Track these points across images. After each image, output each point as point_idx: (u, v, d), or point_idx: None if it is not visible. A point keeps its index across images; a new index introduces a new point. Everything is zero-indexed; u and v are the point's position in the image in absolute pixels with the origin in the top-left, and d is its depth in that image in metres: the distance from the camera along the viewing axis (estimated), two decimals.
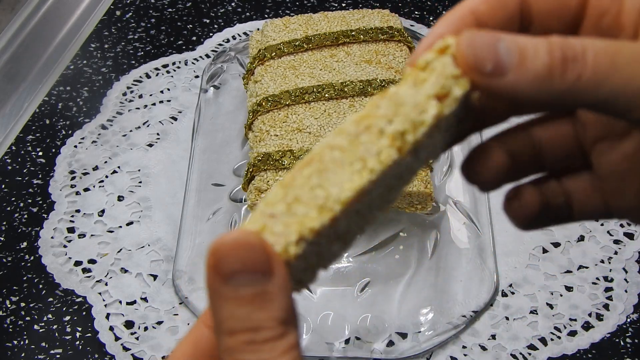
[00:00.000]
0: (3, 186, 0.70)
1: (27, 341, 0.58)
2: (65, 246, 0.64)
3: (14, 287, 0.61)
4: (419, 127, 0.23)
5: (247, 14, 0.88)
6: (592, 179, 0.27)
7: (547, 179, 0.28)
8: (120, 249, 0.63)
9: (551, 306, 0.59)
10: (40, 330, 0.58)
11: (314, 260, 0.24)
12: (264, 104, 0.64)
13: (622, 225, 0.64)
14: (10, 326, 0.59)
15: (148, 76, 0.80)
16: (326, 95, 0.64)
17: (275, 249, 0.21)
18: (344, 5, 0.89)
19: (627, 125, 0.25)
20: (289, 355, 0.20)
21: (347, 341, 0.56)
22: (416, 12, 0.88)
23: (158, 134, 0.73)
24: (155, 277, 0.62)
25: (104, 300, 0.60)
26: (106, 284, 0.61)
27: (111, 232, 0.65)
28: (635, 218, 0.27)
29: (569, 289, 0.60)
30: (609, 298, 0.59)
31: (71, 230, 0.65)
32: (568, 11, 0.25)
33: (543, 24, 0.25)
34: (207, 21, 0.87)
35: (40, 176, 0.70)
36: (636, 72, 0.21)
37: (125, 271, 0.62)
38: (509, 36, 0.22)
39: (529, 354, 0.56)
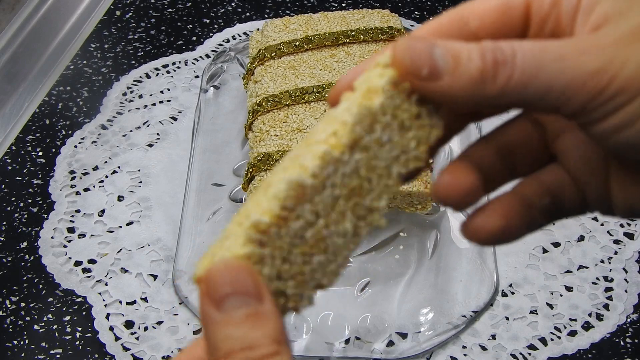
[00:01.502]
0: (3, 186, 0.70)
1: (27, 341, 0.58)
2: (65, 246, 0.64)
3: (14, 287, 0.61)
4: (347, 125, 0.24)
5: (247, 14, 0.88)
6: (565, 174, 0.27)
7: (525, 182, 0.28)
8: (120, 249, 0.63)
9: (551, 306, 0.59)
10: (40, 330, 0.59)
11: (297, 280, 0.24)
12: (264, 104, 0.64)
13: (622, 225, 0.64)
14: (10, 326, 0.59)
15: (148, 76, 0.80)
16: (326, 95, 0.64)
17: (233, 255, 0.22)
18: (344, 5, 0.89)
19: None
20: None
21: (347, 341, 0.56)
22: (416, 12, 0.88)
23: (158, 134, 0.73)
24: (155, 277, 0.62)
25: (104, 300, 0.60)
26: (106, 284, 0.61)
27: (111, 232, 0.65)
28: (598, 206, 0.27)
29: (569, 289, 0.60)
30: (609, 298, 0.59)
31: (71, 230, 0.65)
32: (513, 27, 0.25)
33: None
34: (207, 21, 0.87)
35: (40, 176, 0.70)
36: (562, 68, 0.21)
37: (125, 271, 0.62)
38: (444, 42, 0.23)
39: (529, 354, 0.56)
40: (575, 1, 0.24)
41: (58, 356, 0.57)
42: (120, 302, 0.60)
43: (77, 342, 0.58)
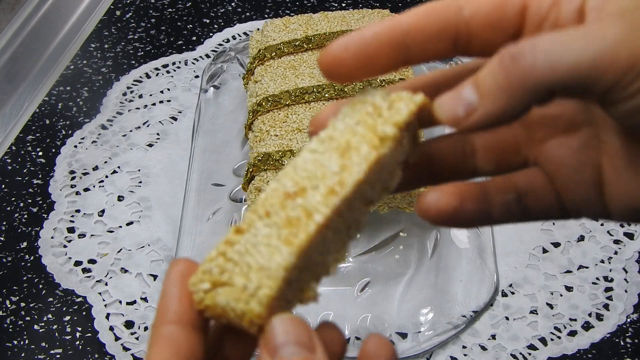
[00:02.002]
0: (3, 186, 0.70)
1: (27, 341, 0.58)
2: (65, 246, 0.64)
3: (14, 287, 0.61)
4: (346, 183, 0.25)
5: (247, 14, 0.88)
6: (543, 175, 0.27)
7: (494, 177, 0.28)
8: (120, 249, 0.63)
9: (551, 306, 0.59)
10: (40, 330, 0.59)
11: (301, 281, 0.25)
12: (264, 104, 0.64)
13: (622, 225, 0.64)
14: (10, 326, 0.59)
15: (148, 76, 0.80)
16: (326, 95, 0.64)
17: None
18: (344, 5, 0.89)
19: (571, 121, 0.26)
20: None
21: (347, 341, 0.56)
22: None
23: (158, 134, 0.73)
24: (155, 277, 0.62)
25: (104, 300, 0.60)
26: (106, 284, 0.61)
27: (111, 232, 0.65)
28: (589, 212, 0.27)
29: (569, 289, 0.60)
30: (609, 298, 0.59)
31: (71, 230, 0.65)
32: (507, 23, 0.25)
33: (483, 38, 0.26)
34: (207, 21, 0.87)
35: (40, 176, 0.70)
36: (588, 46, 0.21)
37: (125, 271, 0.62)
38: (470, 79, 0.24)
39: (529, 354, 0.56)
40: (578, 4, 0.24)
41: (58, 356, 0.57)
42: (120, 302, 0.60)
43: (77, 342, 0.58)
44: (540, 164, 0.28)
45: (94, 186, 0.69)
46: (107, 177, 0.69)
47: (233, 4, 0.90)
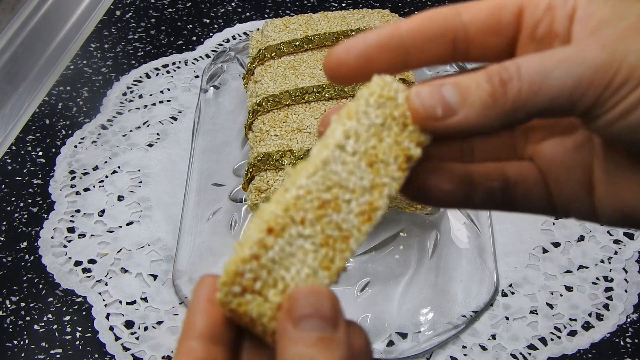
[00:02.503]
0: (3, 186, 0.70)
1: (27, 341, 0.58)
2: (65, 246, 0.64)
3: (14, 287, 0.61)
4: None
5: (247, 14, 0.88)
6: (536, 170, 0.28)
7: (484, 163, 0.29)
8: (120, 249, 0.63)
9: (551, 306, 0.59)
10: (40, 330, 0.59)
11: None
12: (264, 104, 0.64)
13: None
14: (10, 326, 0.59)
15: (148, 76, 0.80)
16: (326, 95, 0.64)
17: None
18: (344, 5, 0.89)
19: (569, 124, 0.27)
20: None
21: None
22: (416, 12, 0.88)
23: (158, 134, 0.73)
24: (155, 277, 0.62)
25: (104, 300, 0.60)
26: (106, 284, 0.61)
27: (111, 232, 0.65)
28: (577, 213, 0.28)
29: (569, 289, 0.60)
30: (609, 298, 0.59)
31: (71, 230, 0.65)
32: (504, 27, 0.26)
33: (482, 43, 0.26)
34: (207, 21, 0.87)
35: (40, 176, 0.70)
36: (567, 69, 0.23)
37: (125, 271, 0.62)
38: (450, 79, 0.24)
39: (529, 354, 0.56)
40: (571, 9, 0.25)
41: (58, 356, 0.57)
42: (120, 302, 0.60)
43: (77, 342, 0.58)
44: (535, 160, 0.28)
45: (94, 186, 0.69)
46: (107, 177, 0.69)
47: (233, 4, 0.90)
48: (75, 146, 0.73)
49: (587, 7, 0.25)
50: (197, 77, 0.79)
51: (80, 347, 0.57)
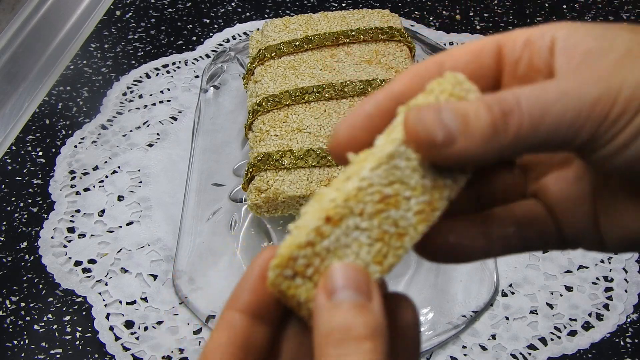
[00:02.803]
0: (3, 186, 0.70)
1: (27, 341, 0.58)
2: (65, 246, 0.64)
3: (14, 287, 0.61)
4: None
5: (247, 14, 0.88)
6: (542, 207, 0.28)
7: (494, 210, 0.29)
8: (120, 249, 0.63)
9: (551, 306, 0.59)
10: (40, 330, 0.59)
11: None
12: (264, 104, 0.64)
13: None
14: (10, 326, 0.59)
15: (148, 76, 0.80)
16: (326, 95, 0.64)
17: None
18: (344, 5, 0.89)
19: (565, 156, 0.27)
20: (371, 354, 0.22)
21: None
22: (416, 12, 0.88)
23: (158, 134, 0.73)
24: (155, 277, 0.62)
25: (104, 300, 0.60)
26: (106, 284, 0.61)
27: (111, 232, 0.65)
28: (586, 243, 0.28)
29: (569, 289, 0.60)
30: (609, 298, 0.59)
31: (71, 230, 0.65)
32: (487, 70, 0.26)
33: None
34: (207, 21, 0.87)
35: (40, 176, 0.70)
36: (566, 104, 0.23)
37: (125, 271, 0.62)
38: (448, 104, 0.24)
39: (529, 354, 0.56)
40: (549, 41, 0.25)
41: (58, 356, 0.57)
42: (120, 302, 0.60)
43: (77, 342, 0.58)
44: (539, 197, 0.28)
45: (94, 186, 0.69)
46: (107, 177, 0.69)
47: (233, 4, 0.90)
48: (75, 146, 0.73)
49: (569, 38, 0.25)
50: (197, 77, 0.79)
51: (80, 347, 0.57)
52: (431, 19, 0.87)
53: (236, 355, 0.25)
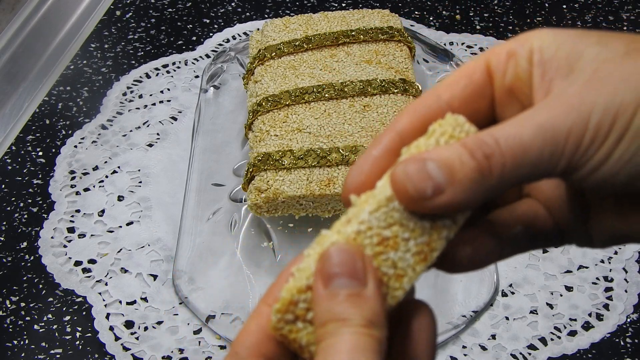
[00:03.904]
0: (3, 186, 0.70)
1: (27, 341, 0.58)
2: (65, 246, 0.64)
3: (14, 287, 0.61)
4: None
5: (247, 14, 0.88)
6: (541, 205, 0.29)
7: (497, 212, 0.29)
8: (120, 249, 0.63)
9: (551, 306, 0.59)
10: (40, 330, 0.59)
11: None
12: (264, 104, 0.64)
13: None
14: (10, 326, 0.59)
15: (148, 76, 0.80)
16: (326, 95, 0.64)
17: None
18: (344, 5, 0.89)
19: None
20: (365, 341, 0.23)
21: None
22: (416, 12, 0.88)
23: (158, 134, 0.73)
24: (155, 277, 0.62)
25: (104, 300, 0.60)
26: (106, 284, 0.61)
27: (111, 232, 0.65)
28: (577, 239, 0.29)
29: (569, 289, 0.60)
30: (609, 298, 0.59)
31: (71, 230, 0.65)
32: (482, 89, 0.27)
33: (469, 111, 0.27)
34: (207, 21, 0.87)
35: (40, 176, 0.70)
36: (544, 139, 0.24)
37: (125, 271, 0.62)
38: (431, 154, 0.24)
39: (529, 354, 0.56)
40: (528, 53, 0.26)
41: (58, 356, 0.57)
42: (120, 302, 0.60)
43: (77, 342, 0.58)
44: (534, 197, 0.29)
45: (94, 186, 0.69)
46: (107, 177, 0.69)
47: (233, 4, 0.90)
48: (75, 146, 0.73)
49: (543, 51, 0.26)
50: (197, 77, 0.79)
51: (80, 347, 0.57)
52: (431, 19, 0.87)
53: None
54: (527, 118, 0.24)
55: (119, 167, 0.70)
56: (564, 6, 0.89)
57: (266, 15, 0.88)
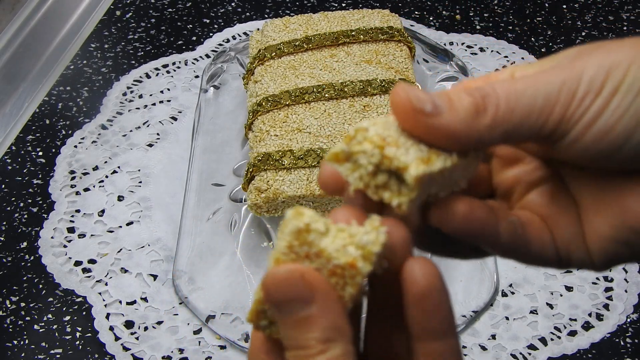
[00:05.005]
0: (3, 186, 0.70)
1: (27, 341, 0.58)
2: (65, 246, 0.64)
3: (14, 287, 0.61)
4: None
5: (247, 14, 0.88)
6: (536, 216, 0.29)
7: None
8: (120, 249, 0.63)
9: (551, 306, 0.59)
10: (40, 330, 0.59)
11: None
12: (264, 104, 0.64)
13: None
14: (10, 326, 0.59)
15: (148, 76, 0.80)
16: (326, 95, 0.64)
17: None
18: (344, 5, 0.89)
19: (539, 176, 0.29)
20: None
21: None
22: (416, 12, 0.88)
23: (158, 134, 0.73)
24: (155, 277, 0.62)
25: (104, 300, 0.60)
26: (106, 284, 0.61)
27: (111, 232, 0.65)
28: (576, 259, 0.28)
29: (569, 289, 0.60)
30: (609, 298, 0.59)
31: (71, 230, 0.65)
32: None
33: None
34: (207, 21, 0.87)
35: (40, 176, 0.70)
36: (536, 89, 0.25)
37: (125, 271, 0.62)
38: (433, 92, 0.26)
39: (529, 354, 0.56)
40: (509, 74, 0.27)
41: (58, 356, 0.57)
42: (120, 302, 0.60)
43: (77, 342, 0.58)
44: (530, 211, 0.29)
45: (94, 186, 0.69)
46: (107, 177, 0.69)
47: (233, 4, 0.90)
48: (75, 146, 0.73)
49: (525, 69, 0.27)
50: (197, 77, 0.79)
51: (80, 347, 0.57)
52: (431, 19, 0.87)
53: None
54: (521, 78, 0.26)
55: (119, 167, 0.70)
56: (564, 6, 0.89)
57: (266, 15, 0.88)
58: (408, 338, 0.25)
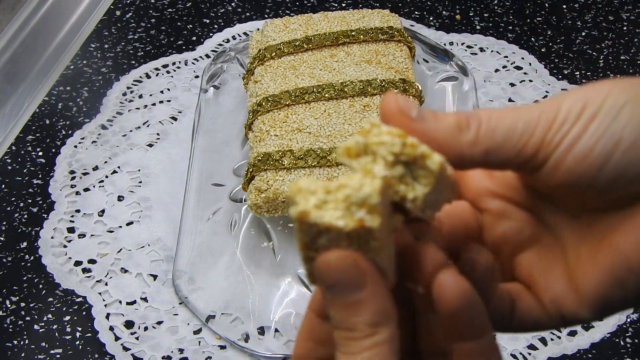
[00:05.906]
0: (3, 186, 0.70)
1: (27, 341, 0.58)
2: (65, 246, 0.64)
3: (14, 287, 0.61)
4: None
5: (247, 14, 0.88)
6: (524, 288, 0.29)
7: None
8: (120, 249, 0.63)
9: None
10: (40, 330, 0.59)
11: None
12: (264, 104, 0.64)
13: None
14: (10, 326, 0.59)
15: (148, 76, 0.80)
16: (326, 95, 0.64)
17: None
18: (344, 5, 0.89)
19: (531, 234, 0.29)
20: (371, 351, 0.24)
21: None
22: (416, 12, 0.88)
23: (158, 134, 0.73)
24: (155, 277, 0.62)
25: (104, 300, 0.60)
26: (106, 284, 0.61)
27: (111, 232, 0.65)
28: (568, 310, 0.28)
29: None
30: None
31: (71, 230, 0.65)
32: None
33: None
34: (207, 21, 0.87)
35: (40, 176, 0.70)
36: (517, 117, 0.26)
37: (125, 271, 0.62)
38: None
39: (529, 354, 0.56)
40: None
41: (58, 356, 0.57)
42: (120, 302, 0.60)
43: (77, 342, 0.58)
44: (517, 278, 0.30)
45: (94, 186, 0.69)
46: (107, 177, 0.69)
47: (233, 4, 0.90)
48: (75, 146, 0.73)
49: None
50: (197, 77, 0.79)
51: (80, 347, 0.57)
52: (431, 19, 0.87)
53: (309, 346, 0.28)
54: (504, 108, 0.27)
55: (119, 167, 0.70)
56: (564, 6, 0.89)
57: (266, 15, 0.88)
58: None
